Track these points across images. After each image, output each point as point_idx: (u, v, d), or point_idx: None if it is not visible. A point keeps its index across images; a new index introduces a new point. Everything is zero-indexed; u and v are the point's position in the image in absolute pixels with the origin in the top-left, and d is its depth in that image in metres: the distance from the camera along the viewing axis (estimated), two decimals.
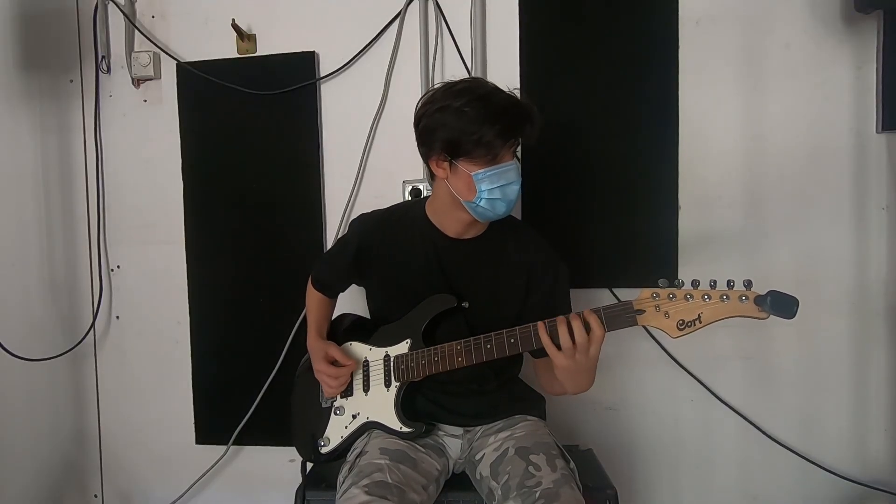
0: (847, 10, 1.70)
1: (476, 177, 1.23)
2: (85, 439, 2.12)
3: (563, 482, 1.19)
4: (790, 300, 1.06)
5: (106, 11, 1.98)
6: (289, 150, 1.92)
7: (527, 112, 1.24)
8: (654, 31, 1.76)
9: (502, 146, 1.22)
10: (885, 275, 1.75)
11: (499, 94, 1.24)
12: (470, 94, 1.22)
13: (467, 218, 1.32)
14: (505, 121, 1.20)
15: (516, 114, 1.23)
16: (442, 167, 1.28)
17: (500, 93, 1.24)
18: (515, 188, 1.26)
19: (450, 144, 1.23)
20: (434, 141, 1.25)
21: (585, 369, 1.19)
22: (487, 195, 1.24)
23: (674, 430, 1.87)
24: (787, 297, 1.06)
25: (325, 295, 1.55)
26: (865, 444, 1.80)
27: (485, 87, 1.25)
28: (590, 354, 1.16)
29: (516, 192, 1.27)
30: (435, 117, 1.24)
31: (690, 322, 1.11)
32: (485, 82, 1.27)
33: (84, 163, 2.04)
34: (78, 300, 2.08)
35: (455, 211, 1.32)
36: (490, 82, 1.27)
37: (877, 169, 1.73)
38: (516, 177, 1.26)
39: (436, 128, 1.24)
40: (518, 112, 1.23)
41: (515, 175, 1.26)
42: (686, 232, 1.78)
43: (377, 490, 1.18)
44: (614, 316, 1.16)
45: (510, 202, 1.27)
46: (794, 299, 1.06)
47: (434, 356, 1.32)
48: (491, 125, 1.19)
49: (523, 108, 1.24)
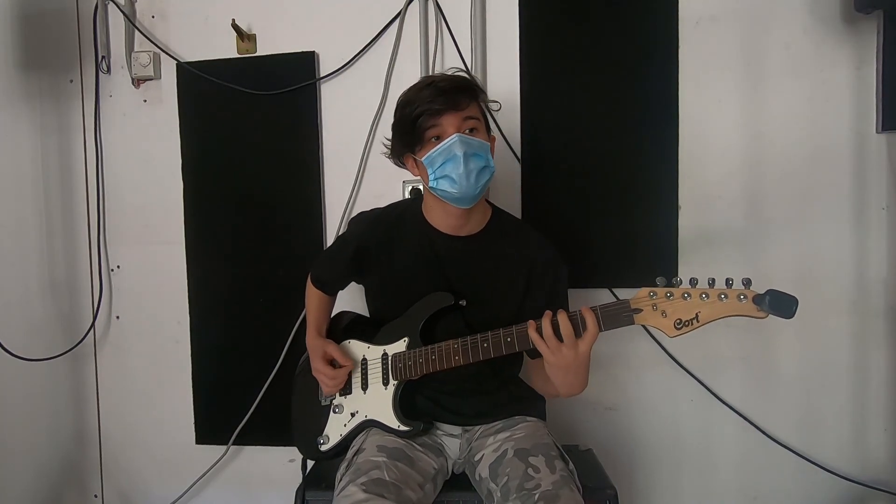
0: (847, 10, 1.70)
1: (426, 160, 1.26)
2: (85, 439, 2.12)
3: (562, 484, 1.18)
4: (789, 299, 1.05)
5: (106, 11, 1.98)
6: (289, 150, 1.92)
7: (456, 80, 1.27)
8: (654, 31, 1.76)
9: (437, 119, 1.23)
10: (885, 275, 1.75)
11: (437, 78, 1.28)
12: (416, 86, 1.29)
13: (453, 210, 1.32)
14: (430, 93, 1.24)
15: (443, 84, 1.25)
16: (411, 165, 1.34)
17: (439, 77, 1.28)
18: (461, 162, 1.22)
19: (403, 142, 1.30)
20: (395, 141, 1.34)
21: (574, 367, 1.18)
22: (437, 174, 1.26)
23: (674, 431, 1.87)
24: (786, 297, 1.05)
25: (324, 293, 1.55)
26: (865, 444, 1.80)
27: (430, 77, 1.31)
28: (578, 351, 1.15)
29: (464, 167, 1.22)
30: (394, 120, 1.33)
31: (688, 321, 1.10)
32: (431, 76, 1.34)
33: (84, 163, 2.04)
34: (78, 300, 2.08)
35: (440, 204, 1.33)
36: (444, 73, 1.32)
37: (877, 169, 1.73)
38: (461, 149, 1.22)
39: (395, 129, 1.33)
40: (445, 82, 1.25)
41: (461, 147, 1.22)
42: (686, 231, 1.78)
43: (374, 488, 1.18)
44: (611, 315, 1.15)
45: (461, 176, 1.23)
46: (794, 299, 1.05)
47: (431, 355, 1.32)
48: (420, 101, 1.24)
49: (452, 78, 1.27)
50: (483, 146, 1.27)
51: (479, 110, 1.30)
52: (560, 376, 1.22)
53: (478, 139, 1.26)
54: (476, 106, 1.29)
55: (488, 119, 1.35)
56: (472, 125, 1.26)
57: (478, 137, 1.27)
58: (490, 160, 1.28)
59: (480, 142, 1.27)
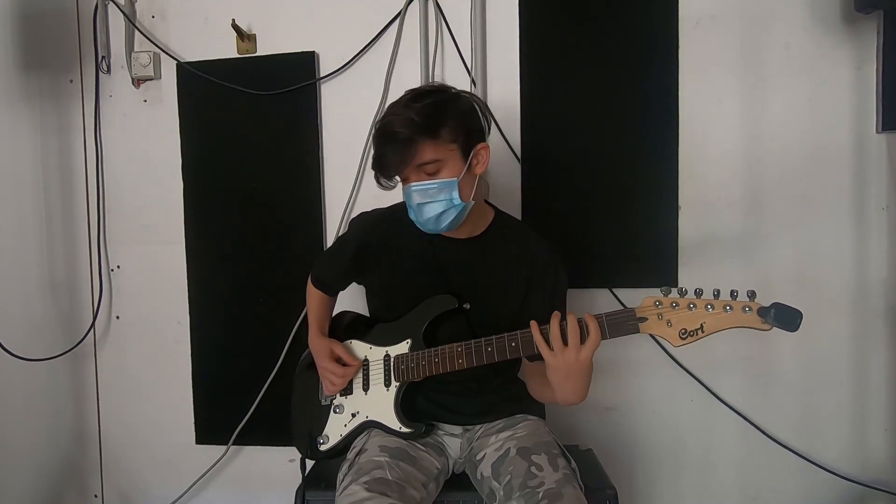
0: (847, 10, 1.70)
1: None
2: (85, 439, 2.12)
3: (565, 482, 1.19)
4: (794, 313, 1.04)
5: (106, 11, 1.98)
6: (289, 150, 1.92)
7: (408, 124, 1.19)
8: (654, 31, 1.76)
9: (393, 172, 1.24)
10: (885, 275, 1.75)
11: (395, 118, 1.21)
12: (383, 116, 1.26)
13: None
14: (381, 141, 1.23)
15: (397, 130, 1.20)
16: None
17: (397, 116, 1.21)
18: (417, 210, 1.26)
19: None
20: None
21: (575, 373, 1.17)
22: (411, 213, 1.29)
23: (674, 431, 1.87)
24: (791, 310, 1.04)
25: (325, 293, 1.55)
26: (865, 444, 1.80)
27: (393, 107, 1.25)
28: (580, 357, 1.15)
29: (422, 216, 1.26)
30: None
31: (693, 331, 1.10)
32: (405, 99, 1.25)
33: (84, 163, 2.04)
34: (78, 300, 2.08)
35: None
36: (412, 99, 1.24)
37: (877, 169, 1.73)
38: (418, 199, 1.24)
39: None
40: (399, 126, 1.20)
41: (418, 197, 1.24)
42: (686, 232, 1.78)
43: (377, 487, 1.18)
44: (616, 323, 1.16)
45: (421, 223, 1.28)
46: (798, 312, 1.04)
47: (434, 357, 1.32)
48: (375, 150, 1.25)
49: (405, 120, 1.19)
50: (444, 187, 1.23)
51: (446, 140, 1.22)
52: (560, 381, 1.21)
53: (437, 182, 1.23)
54: (434, 144, 1.21)
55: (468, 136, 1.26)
56: (431, 169, 1.22)
57: (440, 177, 1.23)
58: (454, 198, 1.23)
59: (440, 184, 1.23)
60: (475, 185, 1.28)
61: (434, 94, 1.26)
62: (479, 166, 1.29)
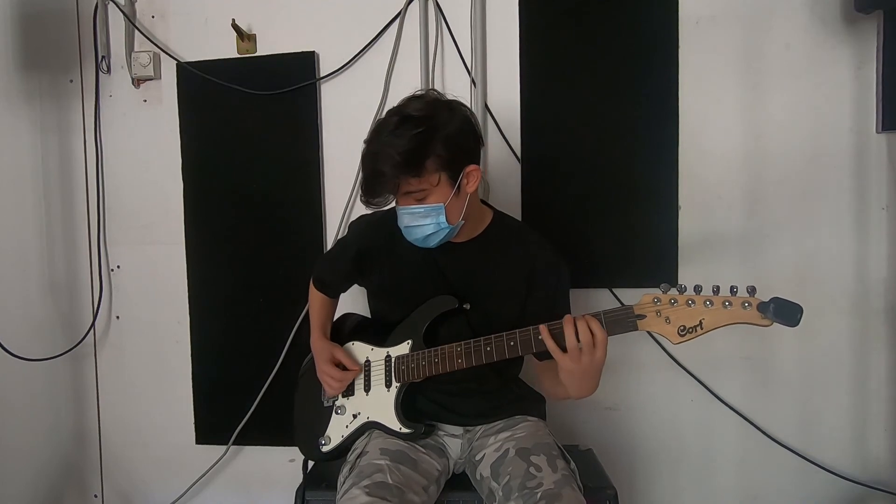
0: (847, 10, 1.70)
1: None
2: (85, 439, 2.12)
3: (564, 483, 1.19)
4: (794, 308, 1.04)
5: (106, 11, 1.98)
6: (289, 150, 1.92)
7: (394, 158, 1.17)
8: (654, 31, 1.76)
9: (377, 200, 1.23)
10: (885, 275, 1.75)
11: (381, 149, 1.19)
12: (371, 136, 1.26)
13: None
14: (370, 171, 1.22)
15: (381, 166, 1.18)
16: None
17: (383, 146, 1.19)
18: (407, 231, 1.27)
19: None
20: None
21: (591, 373, 1.17)
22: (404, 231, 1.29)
23: (674, 430, 1.87)
24: (791, 305, 1.04)
25: (326, 295, 1.55)
26: (865, 444, 1.80)
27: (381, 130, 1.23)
28: (595, 357, 1.14)
29: (409, 234, 1.27)
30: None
31: (692, 328, 1.10)
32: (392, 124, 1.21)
33: (84, 163, 2.04)
34: (78, 300, 2.08)
35: None
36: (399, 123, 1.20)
37: (877, 169, 1.73)
38: (409, 222, 1.25)
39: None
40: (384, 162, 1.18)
41: (408, 220, 1.25)
42: (686, 232, 1.78)
43: (377, 491, 1.18)
44: (615, 320, 1.15)
45: (416, 240, 1.28)
46: (798, 307, 1.04)
47: (434, 357, 1.32)
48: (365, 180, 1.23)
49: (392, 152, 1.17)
50: (430, 212, 1.22)
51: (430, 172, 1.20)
52: (575, 382, 1.20)
53: (424, 207, 1.22)
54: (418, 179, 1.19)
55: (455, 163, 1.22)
56: (418, 196, 1.22)
57: (427, 203, 1.22)
58: (441, 222, 1.23)
59: (427, 209, 1.22)
60: (465, 204, 1.27)
61: (421, 121, 1.19)
62: (470, 186, 1.26)
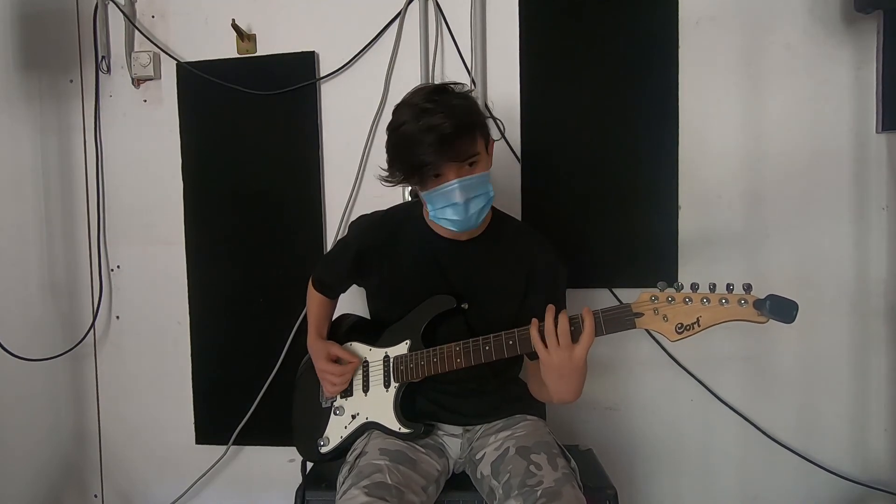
0: (847, 10, 1.70)
1: (425, 196, 1.25)
2: (85, 439, 2.12)
3: (564, 481, 1.19)
4: (789, 304, 1.04)
5: (106, 11, 1.98)
6: (289, 150, 1.92)
7: (459, 122, 1.16)
8: (654, 31, 1.76)
9: (437, 168, 1.18)
10: (885, 275, 1.75)
11: (433, 110, 1.17)
12: (408, 111, 1.20)
13: None
14: (433, 139, 1.15)
15: (446, 129, 1.15)
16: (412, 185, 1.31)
17: (434, 108, 1.17)
18: (460, 208, 1.21)
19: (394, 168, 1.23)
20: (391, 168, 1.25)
21: (568, 372, 1.17)
22: (439, 214, 1.25)
23: (674, 430, 1.87)
24: (787, 301, 1.04)
25: (325, 296, 1.55)
26: (865, 444, 1.80)
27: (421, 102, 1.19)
28: (574, 355, 1.14)
29: (463, 212, 1.22)
30: (388, 143, 1.24)
31: (689, 325, 1.10)
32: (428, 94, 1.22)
33: (84, 163, 2.04)
34: (78, 300, 2.08)
35: None
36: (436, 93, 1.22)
37: (877, 169, 1.73)
38: (460, 197, 1.20)
39: (389, 155, 1.24)
40: (448, 125, 1.15)
41: (460, 195, 1.20)
42: (686, 232, 1.78)
43: (377, 491, 1.18)
44: (612, 319, 1.15)
45: (461, 221, 1.23)
46: (794, 303, 1.04)
47: (433, 357, 1.32)
48: (421, 147, 1.15)
49: (456, 118, 1.16)
50: (482, 180, 1.23)
51: (479, 134, 1.23)
52: (553, 380, 1.20)
53: (477, 175, 1.22)
54: (472, 138, 1.21)
55: (488, 132, 1.28)
56: (472, 161, 1.22)
57: (478, 171, 1.23)
58: (489, 188, 1.25)
59: (479, 177, 1.22)
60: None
61: (451, 89, 1.25)
62: (491, 159, 1.30)
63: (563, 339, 1.14)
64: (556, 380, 1.20)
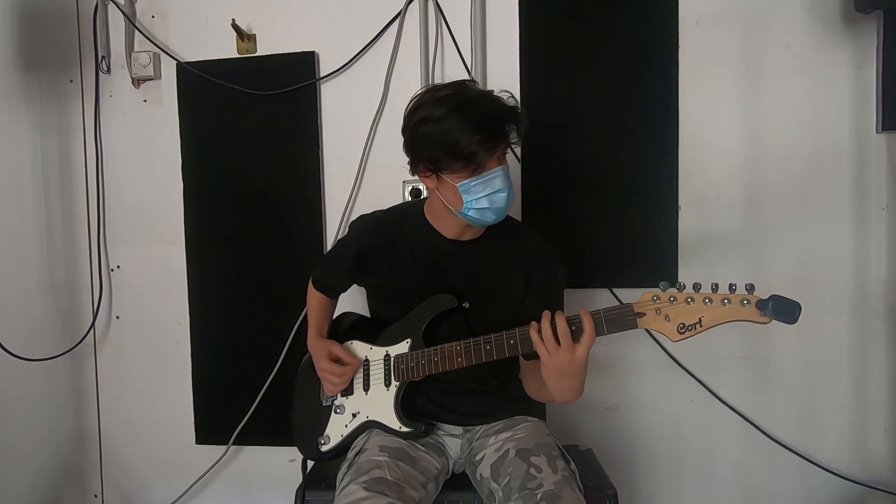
0: (847, 10, 1.70)
1: (461, 188, 1.22)
2: (85, 439, 2.12)
3: (564, 483, 1.19)
4: (792, 305, 1.04)
5: (106, 11, 1.98)
6: (289, 150, 1.92)
7: (508, 116, 1.19)
8: (654, 31, 1.76)
9: (484, 155, 1.18)
10: (885, 275, 1.75)
11: (480, 100, 1.20)
12: (450, 102, 1.19)
13: (462, 222, 1.30)
14: (484, 129, 1.16)
15: (496, 120, 1.18)
16: (429, 178, 1.27)
17: (481, 98, 1.20)
18: (502, 195, 1.22)
19: (431, 159, 1.22)
20: (417, 155, 1.25)
21: (570, 372, 1.16)
22: (474, 205, 1.23)
23: (674, 430, 1.87)
24: (790, 302, 1.04)
25: (326, 296, 1.55)
26: (865, 444, 1.80)
27: (465, 93, 1.21)
28: (575, 355, 1.13)
29: (504, 199, 1.23)
30: (416, 131, 1.23)
31: (691, 326, 1.10)
32: (468, 87, 1.23)
33: (84, 163, 2.04)
34: (78, 300, 2.08)
35: (449, 215, 1.31)
36: (474, 87, 1.24)
37: (877, 169, 1.73)
38: (503, 184, 1.22)
39: (417, 142, 1.23)
40: (498, 118, 1.18)
41: (502, 182, 1.22)
42: (686, 232, 1.78)
43: (376, 486, 1.18)
44: (614, 318, 1.15)
45: (499, 210, 1.24)
46: (797, 304, 1.04)
47: (434, 356, 1.32)
48: (470, 135, 1.16)
49: (504, 112, 1.19)
50: (507, 173, 1.24)
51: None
52: (555, 381, 1.20)
53: (505, 167, 1.24)
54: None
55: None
56: (503, 152, 1.23)
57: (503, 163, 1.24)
58: (511, 185, 1.26)
59: (506, 169, 1.24)
60: None
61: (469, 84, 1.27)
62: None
63: (564, 340, 1.14)
64: (557, 380, 1.19)
